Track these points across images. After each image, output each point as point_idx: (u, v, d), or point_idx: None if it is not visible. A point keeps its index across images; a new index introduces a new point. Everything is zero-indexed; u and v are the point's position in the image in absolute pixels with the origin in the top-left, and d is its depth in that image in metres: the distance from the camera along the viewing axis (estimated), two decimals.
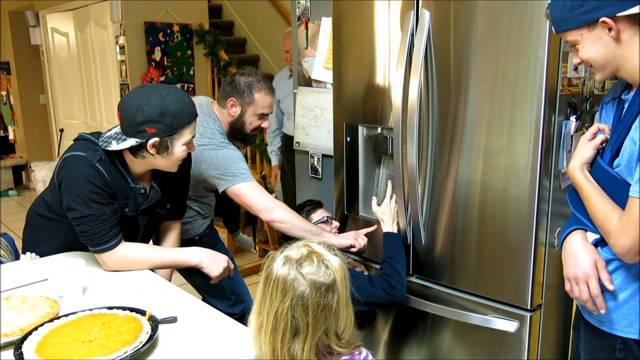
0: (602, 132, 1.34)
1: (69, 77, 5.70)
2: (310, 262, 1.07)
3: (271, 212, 1.96)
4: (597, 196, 1.27)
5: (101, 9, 4.76)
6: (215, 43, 4.63)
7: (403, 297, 1.84)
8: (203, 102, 2.14)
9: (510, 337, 1.71)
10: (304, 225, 1.97)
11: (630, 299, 1.28)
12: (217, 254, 1.81)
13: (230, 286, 2.27)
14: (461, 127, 1.73)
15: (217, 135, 2.06)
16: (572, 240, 1.35)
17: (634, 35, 1.19)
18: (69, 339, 1.25)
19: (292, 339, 1.05)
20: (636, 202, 1.15)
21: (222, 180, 1.98)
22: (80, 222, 1.63)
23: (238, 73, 2.13)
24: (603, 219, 1.24)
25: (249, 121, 2.12)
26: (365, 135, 2.10)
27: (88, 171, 1.60)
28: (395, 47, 1.88)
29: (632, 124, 1.21)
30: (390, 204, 1.98)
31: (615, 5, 1.16)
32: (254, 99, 2.09)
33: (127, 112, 1.59)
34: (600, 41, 1.21)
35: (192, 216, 2.20)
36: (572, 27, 1.23)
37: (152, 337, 1.26)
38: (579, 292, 1.31)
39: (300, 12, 2.55)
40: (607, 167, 1.28)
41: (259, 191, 2.00)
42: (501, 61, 1.61)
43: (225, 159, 1.99)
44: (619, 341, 1.30)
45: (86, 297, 1.54)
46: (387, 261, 1.85)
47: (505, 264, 1.69)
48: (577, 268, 1.30)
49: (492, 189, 1.68)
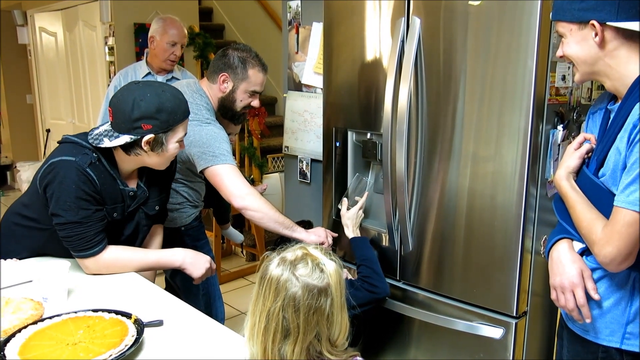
0: (588, 141, 1.35)
1: (57, 77, 5.65)
2: (305, 264, 1.08)
3: (244, 199, 1.89)
4: (582, 205, 1.28)
5: (90, 10, 4.73)
6: (206, 46, 4.61)
7: (387, 291, 1.86)
8: (190, 80, 2.09)
9: (495, 344, 1.72)
10: (277, 217, 1.93)
11: (613, 307, 1.29)
12: (200, 255, 1.80)
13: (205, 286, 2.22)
14: (450, 133, 1.74)
15: (203, 111, 1.98)
16: (558, 249, 1.35)
17: (620, 47, 1.21)
18: (53, 341, 1.24)
19: (282, 340, 1.05)
20: (620, 212, 1.16)
21: (202, 160, 1.91)
22: (64, 228, 1.60)
23: (231, 48, 2.05)
24: (587, 228, 1.25)
25: (240, 98, 2.04)
26: (355, 140, 2.11)
27: (78, 177, 1.57)
28: (385, 53, 1.89)
29: (617, 134, 1.22)
30: (359, 212, 2.01)
31: (610, 13, 1.17)
32: (248, 75, 2.02)
33: (121, 108, 1.56)
34: (585, 42, 1.23)
35: (180, 202, 2.12)
36: (566, 18, 1.25)
37: (138, 340, 1.25)
38: (565, 301, 1.32)
39: (291, 16, 2.56)
40: (592, 177, 1.29)
41: (236, 176, 1.91)
42: (490, 69, 1.62)
43: (208, 136, 1.92)
44: (601, 349, 1.31)
45: (71, 299, 1.52)
46: (362, 264, 1.88)
47: (491, 271, 1.70)
48: (564, 277, 1.31)
49: (480, 196, 1.70)
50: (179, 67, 3.10)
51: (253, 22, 5.62)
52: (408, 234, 1.89)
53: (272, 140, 4.69)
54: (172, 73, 2.99)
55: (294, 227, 1.97)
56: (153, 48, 2.93)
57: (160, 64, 2.92)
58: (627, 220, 1.15)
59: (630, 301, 1.27)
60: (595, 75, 1.28)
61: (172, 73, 2.99)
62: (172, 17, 2.97)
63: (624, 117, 1.21)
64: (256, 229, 4.03)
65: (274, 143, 4.61)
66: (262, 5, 5.39)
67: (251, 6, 5.54)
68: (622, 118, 1.21)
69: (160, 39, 2.87)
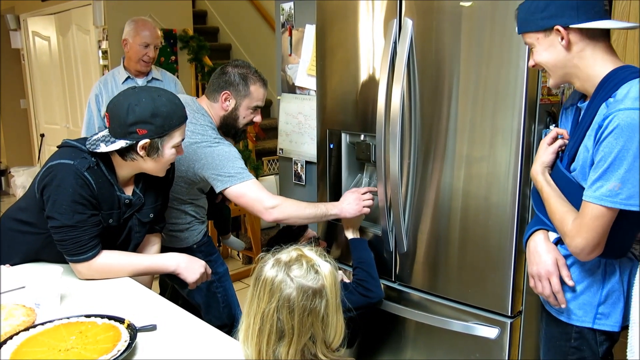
0: (561, 136, 1.41)
1: (50, 82, 5.63)
2: (300, 265, 1.08)
3: (272, 214, 1.89)
4: (556, 198, 1.35)
5: (83, 13, 4.71)
6: (200, 49, 4.61)
7: (381, 296, 1.87)
8: (188, 99, 2.07)
9: (491, 344, 1.72)
10: (307, 214, 1.93)
11: (586, 290, 1.39)
12: (194, 260, 1.79)
13: (225, 298, 2.23)
14: (443, 134, 1.74)
15: (209, 131, 1.98)
16: (535, 239, 1.44)
17: (585, 48, 1.27)
18: (45, 347, 1.23)
19: (277, 342, 1.05)
20: (588, 206, 1.24)
21: (218, 182, 1.91)
22: (58, 231, 1.60)
23: (230, 65, 2.06)
24: (560, 220, 1.32)
25: (243, 114, 2.04)
26: (349, 142, 2.10)
27: (76, 181, 1.56)
28: (378, 54, 1.89)
29: (585, 131, 1.29)
30: None
31: (571, 17, 1.24)
32: (250, 91, 2.02)
33: (117, 113, 1.56)
34: (553, 48, 1.29)
35: (189, 222, 2.12)
36: (531, 29, 1.31)
37: (131, 345, 1.24)
38: (542, 288, 1.41)
39: (284, 19, 2.56)
40: (564, 171, 1.35)
41: (256, 191, 1.91)
42: (483, 70, 1.63)
43: (220, 157, 1.92)
44: (575, 330, 1.40)
45: (64, 305, 1.51)
46: (359, 267, 1.88)
47: (486, 271, 1.70)
48: (540, 266, 1.40)
49: (474, 197, 1.70)
50: (157, 67, 3.08)
51: (247, 24, 5.61)
52: (403, 235, 1.88)
53: (267, 143, 4.68)
54: (152, 74, 2.97)
55: (327, 212, 1.96)
56: (127, 51, 2.91)
57: (135, 66, 2.90)
58: (594, 214, 1.23)
59: (602, 284, 1.37)
60: (566, 77, 1.33)
61: (152, 74, 2.97)
62: (144, 18, 2.94)
63: (592, 116, 1.27)
64: (252, 232, 4.02)
65: (269, 145, 4.60)
66: (256, 7, 5.39)
67: (245, 9, 5.54)
68: (590, 117, 1.28)
69: (133, 41, 2.85)
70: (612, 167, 1.19)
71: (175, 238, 2.10)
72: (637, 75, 1.23)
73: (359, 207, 1.96)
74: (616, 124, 1.17)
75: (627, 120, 1.16)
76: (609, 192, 1.20)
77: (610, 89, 1.24)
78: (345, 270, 2.13)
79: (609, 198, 1.20)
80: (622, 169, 1.18)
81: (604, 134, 1.20)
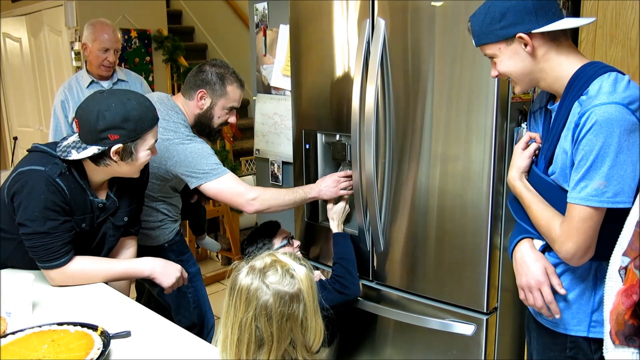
0: (534, 140, 1.38)
1: (23, 84, 5.53)
2: (275, 271, 1.06)
3: (253, 205, 1.90)
4: (538, 204, 1.31)
5: (55, 14, 4.63)
6: (175, 49, 4.56)
7: (358, 293, 1.87)
8: (162, 96, 2.05)
9: (467, 340, 1.74)
10: (287, 200, 1.95)
11: (578, 298, 1.33)
12: (170, 264, 1.77)
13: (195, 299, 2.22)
14: (418, 133, 1.75)
15: (182, 128, 1.96)
16: (521, 249, 1.37)
17: (549, 51, 1.26)
18: (16, 357, 1.21)
19: (257, 350, 1.04)
20: (575, 209, 1.20)
21: (193, 178, 1.90)
22: (30, 238, 1.57)
23: (208, 64, 2.03)
24: (546, 227, 1.28)
25: (218, 114, 2.03)
26: (324, 142, 2.10)
27: (47, 187, 1.53)
28: (353, 54, 1.89)
29: (560, 133, 1.26)
30: (345, 207, 2.01)
31: (531, 22, 1.22)
32: (226, 91, 2.00)
33: (87, 119, 1.53)
34: (517, 55, 1.27)
35: (160, 220, 2.10)
36: (490, 41, 1.28)
37: (104, 353, 1.22)
38: (533, 299, 1.34)
39: (258, 19, 2.55)
40: (542, 175, 1.32)
41: (235, 185, 1.91)
42: (457, 69, 1.64)
43: (194, 155, 1.90)
44: (569, 340, 1.35)
45: (36, 313, 1.49)
46: (338, 262, 1.88)
47: (462, 268, 1.72)
48: (529, 277, 1.33)
49: (449, 195, 1.71)
50: (121, 68, 2.98)
51: (223, 23, 5.58)
52: (379, 235, 1.89)
53: (245, 143, 4.66)
54: (116, 75, 2.87)
55: (305, 195, 1.98)
56: (87, 55, 2.81)
57: (97, 71, 2.80)
58: (582, 216, 1.19)
59: (593, 290, 1.31)
60: (533, 82, 1.32)
61: (116, 75, 2.87)
62: (103, 21, 2.83)
63: (565, 116, 1.25)
64: (231, 233, 4.00)
65: (246, 145, 4.58)
66: (232, 7, 5.36)
67: (221, 8, 5.50)
68: (563, 117, 1.26)
69: (92, 46, 2.74)
70: (594, 166, 1.15)
71: (147, 236, 2.07)
72: (606, 70, 1.21)
73: (337, 189, 1.99)
74: (594, 120, 1.14)
75: (604, 115, 1.13)
76: (595, 192, 1.16)
77: (581, 86, 1.21)
78: (323, 270, 2.13)
79: (595, 198, 1.16)
80: (605, 166, 1.14)
81: (582, 132, 1.16)
